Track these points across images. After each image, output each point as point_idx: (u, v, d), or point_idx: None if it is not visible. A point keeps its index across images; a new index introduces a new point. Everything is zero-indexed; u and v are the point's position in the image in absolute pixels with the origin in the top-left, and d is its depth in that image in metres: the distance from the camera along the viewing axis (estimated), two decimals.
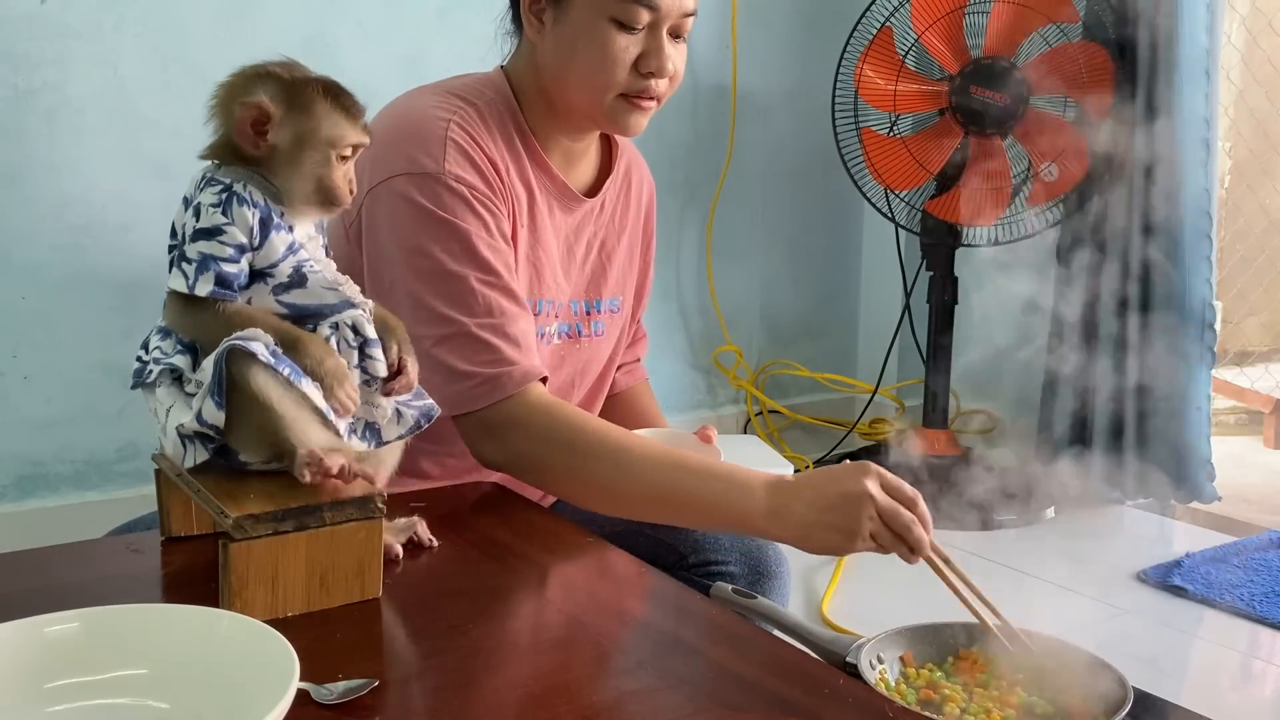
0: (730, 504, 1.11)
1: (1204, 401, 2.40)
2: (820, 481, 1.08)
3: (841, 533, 1.05)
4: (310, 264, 0.92)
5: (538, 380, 1.18)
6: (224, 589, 0.85)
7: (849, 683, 0.83)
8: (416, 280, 1.17)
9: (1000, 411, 2.91)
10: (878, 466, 1.07)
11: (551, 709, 0.76)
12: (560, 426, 1.16)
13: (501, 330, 1.17)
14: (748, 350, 3.02)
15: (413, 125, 1.23)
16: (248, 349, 0.86)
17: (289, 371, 0.87)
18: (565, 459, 1.16)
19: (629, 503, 1.16)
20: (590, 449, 1.15)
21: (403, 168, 1.19)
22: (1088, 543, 2.36)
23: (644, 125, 1.27)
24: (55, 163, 2.02)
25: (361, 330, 0.93)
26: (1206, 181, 2.35)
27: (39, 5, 1.97)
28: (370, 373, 0.94)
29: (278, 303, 0.91)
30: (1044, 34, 2.36)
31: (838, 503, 1.05)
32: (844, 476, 1.07)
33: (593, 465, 1.15)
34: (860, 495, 1.04)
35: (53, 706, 0.70)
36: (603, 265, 1.40)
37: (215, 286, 0.88)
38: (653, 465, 1.15)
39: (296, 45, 2.21)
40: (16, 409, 2.04)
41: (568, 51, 1.23)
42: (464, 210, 1.19)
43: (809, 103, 2.88)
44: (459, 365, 1.16)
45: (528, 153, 1.28)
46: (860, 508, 1.04)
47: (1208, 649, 1.90)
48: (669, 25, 1.22)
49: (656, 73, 1.22)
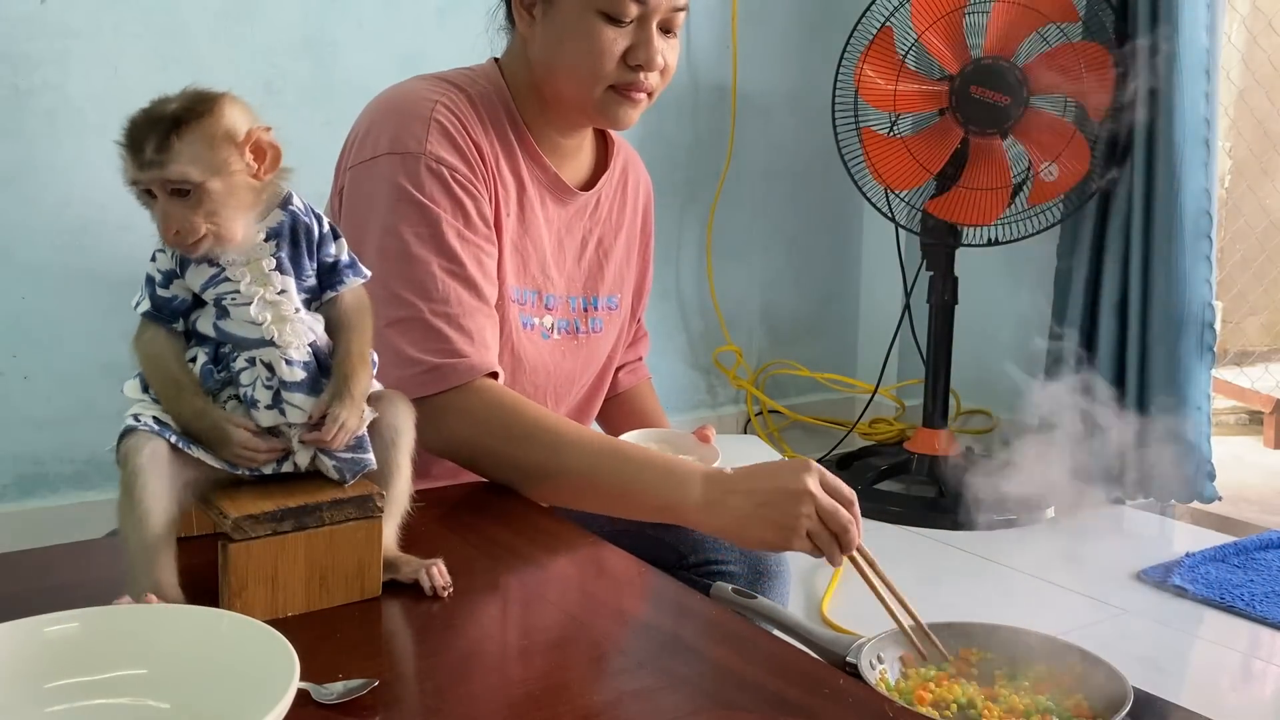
0: (665, 494, 1.10)
1: (1204, 401, 2.40)
2: (759, 476, 1.08)
3: (777, 528, 1.05)
4: (231, 297, 0.88)
5: (486, 376, 1.18)
6: (223, 589, 0.84)
7: (849, 683, 0.83)
8: (382, 260, 1.17)
9: (999, 411, 2.92)
10: (818, 464, 1.07)
11: (551, 709, 0.76)
12: (496, 412, 1.16)
13: (456, 321, 1.17)
14: (748, 350, 3.02)
15: (399, 106, 1.23)
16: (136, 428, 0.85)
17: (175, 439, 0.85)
18: (500, 445, 1.16)
19: (564, 490, 1.15)
20: (525, 434, 1.15)
21: (385, 148, 1.20)
22: (1087, 543, 2.35)
23: (634, 118, 1.27)
24: (55, 163, 2.02)
25: (277, 372, 0.88)
26: (1206, 181, 2.35)
27: (39, 5, 1.97)
28: (287, 418, 0.88)
29: (215, 327, 0.89)
30: (1044, 34, 2.36)
31: (775, 498, 1.05)
32: (783, 472, 1.06)
33: (526, 450, 1.15)
34: (799, 492, 1.04)
35: (52, 706, 0.70)
36: (600, 262, 1.40)
37: (150, 307, 0.88)
38: (589, 451, 1.14)
39: (296, 46, 2.23)
40: (16, 408, 2.04)
41: (557, 44, 1.24)
42: (440, 193, 1.19)
43: (809, 103, 2.88)
44: (407, 350, 1.15)
45: (519, 143, 1.28)
46: (798, 504, 1.04)
47: (1208, 649, 1.90)
48: (659, 19, 1.22)
49: (645, 65, 1.23)
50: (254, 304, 0.87)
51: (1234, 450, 2.90)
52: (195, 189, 0.83)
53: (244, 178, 0.86)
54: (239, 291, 0.88)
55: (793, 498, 1.04)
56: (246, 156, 0.85)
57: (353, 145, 1.25)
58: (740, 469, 1.11)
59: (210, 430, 0.86)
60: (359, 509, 0.88)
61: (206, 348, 0.89)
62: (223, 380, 0.89)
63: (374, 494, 0.89)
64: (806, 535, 1.04)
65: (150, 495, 0.83)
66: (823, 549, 1.05)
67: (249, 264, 0.88)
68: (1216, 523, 2.47)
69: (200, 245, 0.85)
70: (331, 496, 0.87)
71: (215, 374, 0.89)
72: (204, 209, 0.84)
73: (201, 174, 0.83)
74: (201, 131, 0.84)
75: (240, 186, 0.85)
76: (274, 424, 0.88)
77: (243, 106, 0.88)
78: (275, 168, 0.88)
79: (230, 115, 0.85)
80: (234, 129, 0.85)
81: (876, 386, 2.94)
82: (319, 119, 2.20)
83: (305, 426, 0.88)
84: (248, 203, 0.86)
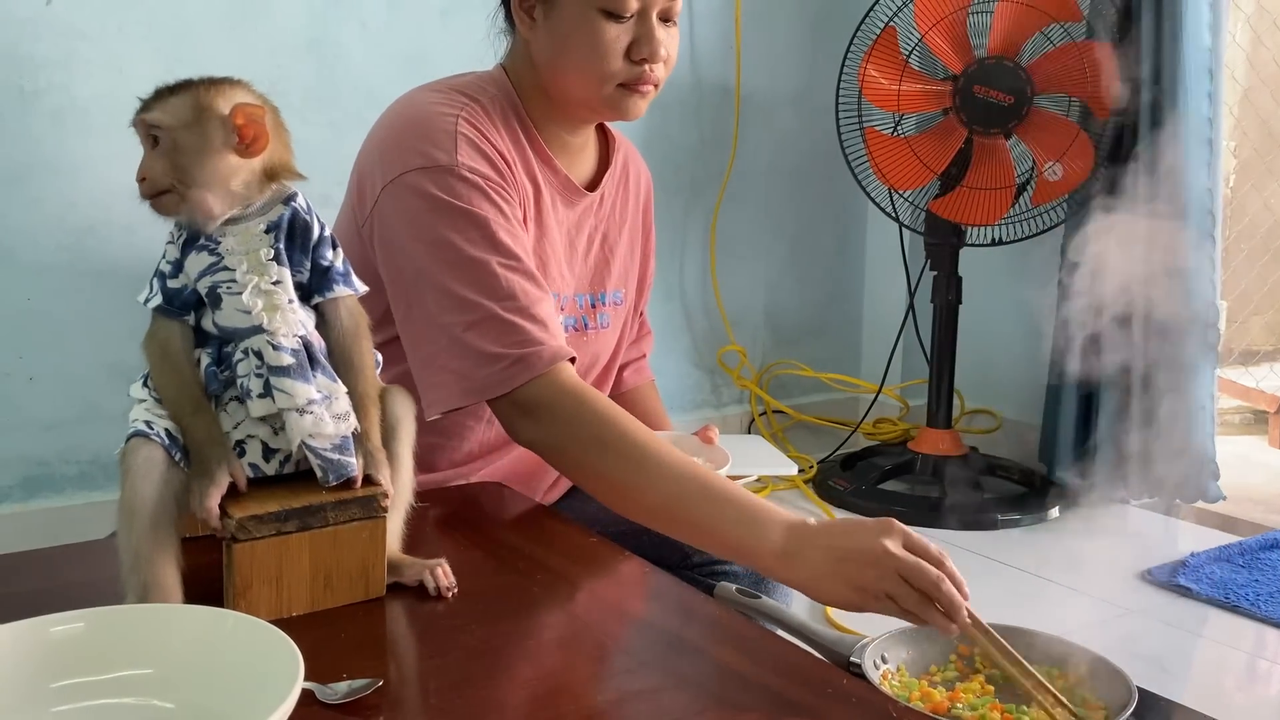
0: (743, 535, 1.07)
1: (1209, 401, 2.40)
2: (839, 533, 1.04)
3: (854, 588, 1.00)
4: (227, 285, 0.89)
5: (566, 360, 1.17)
6: (228, 589, 0.85)
7: (853, 683, 0.83)
8: (439, 269, 1.17)
9: (1004, 411, 2.91)
10: (902, 525, 1.01)
11: (555, 709, 0.76)
12: (587, 415, 1.14)
13: (527, 312, 1.17)
14: (752, 350, 3.02)
15: (420, 122, 1.23)
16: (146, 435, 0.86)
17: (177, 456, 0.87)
18: (586, 450, 1.14)
19: (640, 508, 1.13)
20: (613, 445, 1.13)
21: (416, 163, 1.20)
22: (1092, 542, 2.35)
23: (644, 109, 1.28)
24: (61, 164, 2.02)
25: (265, 358, 0.88)
26: (1210, 181, 2.34)
27: (45, 7, 1.98)
28: (277, 404, 0.88)
29: (214, 324, 0.90)
30: (1048, 33, 2.36)
31: (853, 555, 1.00)
32: (864, 532, 1.01)
33: (612, 461, 1.13)
34: (877, 553, 0.98)
35: (58, 706, 0.71)
36: (605, 258, 1.41)
37: (161, 301, 0.89)
38: (673, 475, 1.11)
39: (300, 46, 2.23)
40: (22, 410, 2.04)
41: (560, 46, 1.24)
42: (480, 199, 1.19)
43: (813, 103, 2.88)
44: (489, 348, 1.15)
45: (531, 147, 1.30)
46: (874, 565, 0.98)
47: (1213, 649, 1.90)
48: (657, 9, 1.23)
49: (650, 59, 1.24)
50: (246, 291, 0.89)
51: (1239, 450, 2.89)
52: (165, 137, 0.88)
53: (224, 149, 0.88)
54: (235, 280, 0.89)
55: (869, 557, 0.99)
56: (230, 129, 0.88)
57: (375, 164, 1.24)
58: (823, 522, 1.07)
59: (197, 451, 0.87)
60: (363, 509, 0.88)
61: (210, 348, 0.90)
62: (226, 380, 0.89)
63: (378, 494, 0.89)
64: (888, 597, 0.98)
65: (141, 499, 0.84)
66: (913, 610, 0.98)
67: (247, 254, 0.90)
68: (1221, 522, 2.47)
69: (166, 202, 0.89)
70: (336, 497, 0.88)
71: (219, 375, 0.89)
72: (171, 161, 0.88)
73: (172, 121, 0.88)
74: (192, 94, 0.89)
75: (216, 155, 0.88)
76: (266, 413, 0.88)
77: (246, 90, 0.91)
78: (260, 149, 0.89)
79: (226, 90, 0.90)
80: (221, 99, 0.89)
81: (880, 386, 2.94)
82: (323, 120, 2.20)
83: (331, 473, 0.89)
84: (223, 176, 0.89)
